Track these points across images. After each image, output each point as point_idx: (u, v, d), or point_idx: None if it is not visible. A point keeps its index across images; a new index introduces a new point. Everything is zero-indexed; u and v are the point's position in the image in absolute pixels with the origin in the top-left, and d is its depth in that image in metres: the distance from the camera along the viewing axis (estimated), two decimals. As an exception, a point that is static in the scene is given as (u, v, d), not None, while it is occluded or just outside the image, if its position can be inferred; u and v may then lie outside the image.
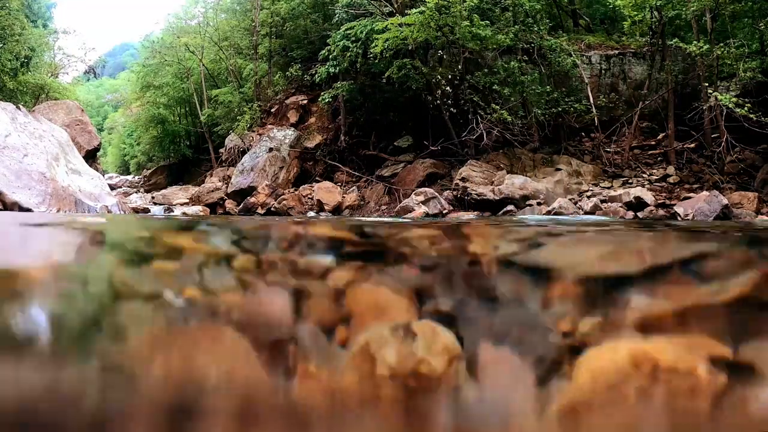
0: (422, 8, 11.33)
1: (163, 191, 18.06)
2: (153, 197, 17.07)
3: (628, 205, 9.51)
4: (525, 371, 0.96)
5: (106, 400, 0.90)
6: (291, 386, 0.95)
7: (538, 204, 10.13)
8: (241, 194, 14.26)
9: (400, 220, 7.83)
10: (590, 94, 12.38)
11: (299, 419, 0.91)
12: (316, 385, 0.95)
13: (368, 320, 1.16)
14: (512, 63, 11.92)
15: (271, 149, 14.98)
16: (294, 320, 1.16)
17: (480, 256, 1.82)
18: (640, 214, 9.28)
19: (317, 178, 14.59)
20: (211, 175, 17.53)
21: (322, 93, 14.47)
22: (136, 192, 21.00)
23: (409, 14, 11.50)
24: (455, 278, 1.45)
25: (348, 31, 13.06)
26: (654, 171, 11.38)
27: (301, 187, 13.97)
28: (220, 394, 0.91)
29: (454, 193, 11.33)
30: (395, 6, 13.00)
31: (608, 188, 10.92)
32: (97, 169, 13.54)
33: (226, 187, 15.09)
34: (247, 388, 0.94)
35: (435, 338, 0.98)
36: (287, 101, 16.92)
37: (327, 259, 1.70)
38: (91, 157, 15.71)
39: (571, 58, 12.62)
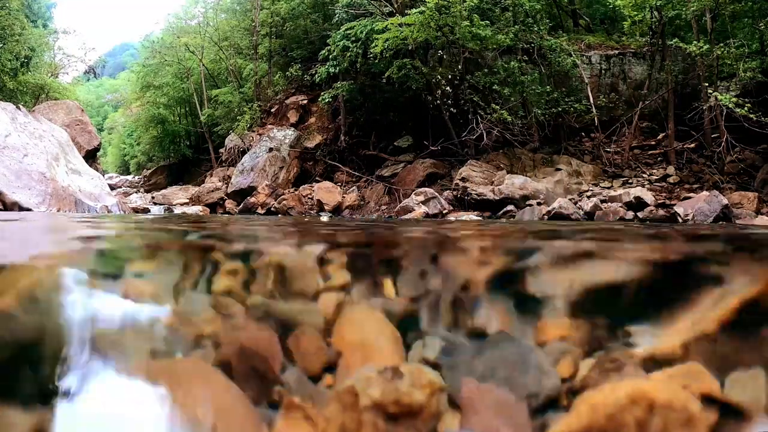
0: (422, 8, 11.33)
1: (163, 191, 18.07)
2: (153, 197, 17.07)
3: (628, 205, 9.51)
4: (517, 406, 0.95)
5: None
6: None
7: (538, 204, 10.12)
8: (241, 194, 14.27)
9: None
10: (590, 94, 12.38)
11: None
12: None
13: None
14: (512, 63, 11.92)
15: (271, 149, 14.99)
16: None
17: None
18: (640, 214, 9.28)
19: (317, 178, 14.59)
20: (211, 175, 17.53)
21: (322, 93, 14.47)
22: (136, 192, 21.00)
23: (409, 14, 11.50)
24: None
25: (348, 31, 13.07)
26: (654, 171, 11.38)
27: (301, 187, 13.97)
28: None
29: (454, 193, 11.33)
30: (395, 6, 13.00)
31: (608, 188, 10.92)
32: (97, 169, 13.54)
33: (226, 187, 15.09)
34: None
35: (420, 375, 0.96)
36: (287, 101, 16.93)
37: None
38: (91, 157, 15.72)
39: (571, 58, 12.62)
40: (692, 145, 11.43)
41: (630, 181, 11.14)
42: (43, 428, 0.87)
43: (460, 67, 12.14)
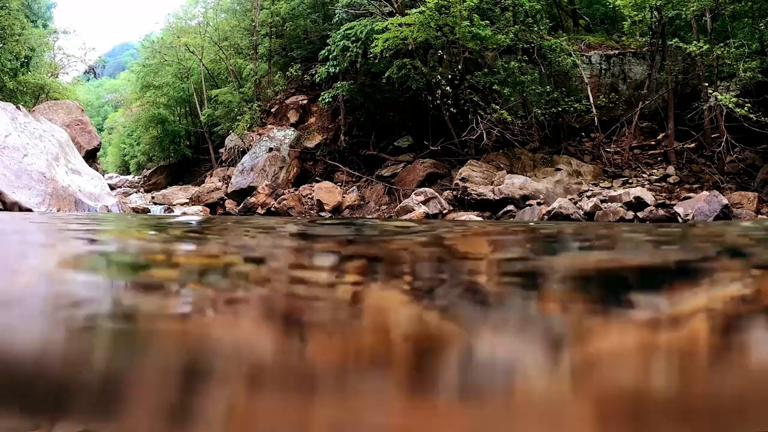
0: (422, 8, 11.33)
1: (163, 191, 18.06)
2: (153, 197, 17.07)
3: (628, 205, 9.51)
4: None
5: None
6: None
7: (538, 204, 10.12)
8: (241, 194, 14.26)
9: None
10: (590, 94, 12.38)
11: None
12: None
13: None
14: (512, 63, 11.92)
15: (271, 149, 14.98)
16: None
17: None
18: (640, 214, 9.28)
19: (317, 178, 14.59)
20: (211, 175, 17.52)
21: (322, 93, 14.46)
22: (136, 192, 21.00)
23: (409, 14, 11.50)
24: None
25: (348, 31, 13.06)
26: (654, 171, 11.38)
27: (301, 187, 13.97)
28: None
29: (454, 193, 11.33)
30: (395, 6, 13.00)
31: (608, 188, 10.92)
32: (97, 169, 13.54)
33: (226, 187, 15.09)
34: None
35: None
36: (287, 101, 16.92)
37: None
38: (91, 157, 15.71)
39: (571, 58, 12.62)
40: (692, 145, 11.43)
41: (630, 181, 11.14)
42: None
43: (460, 67, 12.14)
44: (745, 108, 9.33)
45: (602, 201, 9.90)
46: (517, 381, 0.88)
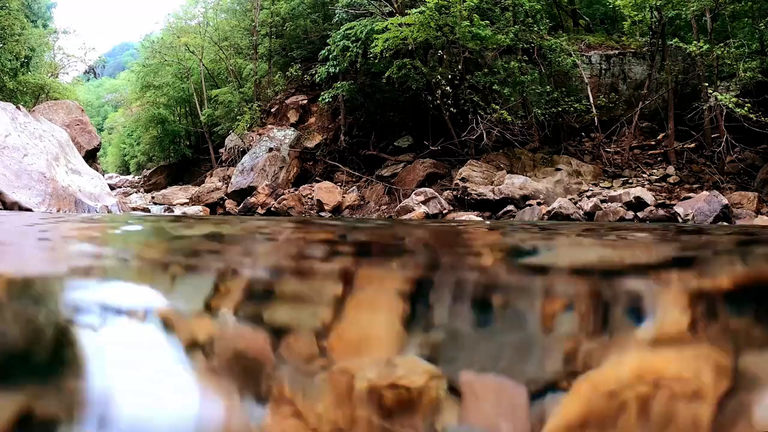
0: (422, 8, 11.33)
1: (163, 191, 18.06)
2: (153, 197, 17.07)
3: (628, 205, 9.52)
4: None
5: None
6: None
7: (538, 204, 10.12)
8: (241, 194, 14.26)
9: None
10: (590, 94, 12.39)
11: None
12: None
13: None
14: (512, 63, 11.92)
15: (271, 149, 14.98)
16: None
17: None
18: (640, 214, 9.28)
19: (317, 178, 14.59)
20: (211, 175, 17.53)
21: (322, 93, 14.47)
22: (136, 192, 21.00)
23: (409, 14, 11.50)
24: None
25: (348, 31, 13.06)
26: (654, 171, 11.38)
27: (301, 187, 13.97)
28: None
29: (454, 193, 11.33)
30: (395, 6, 13.00)
31: (608, 188, 10.92)
32: (97, 169, 13.53)
33: (226, 187, 15.09)
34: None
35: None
36: (287, 101, 16.92)
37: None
38: (91, 157, 15.71)
39: (571, 58, 12.62)
40: (692, 145, 11.43)
41: (630, 181, 11.14)
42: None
43: (460, 67, 12.14)
44: (745, 108, 9.33)
45: (602, 201, 9.91)
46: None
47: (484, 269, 1.89)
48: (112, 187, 15.18)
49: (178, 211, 12.63)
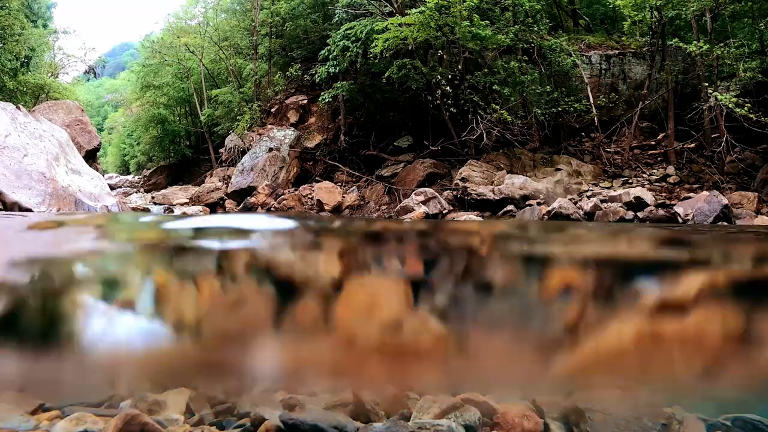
0: (422, 8, 11.33)
1: (163, 191, 18.06)
2: (153, 197, 17.07)
3: (628, 205, 9.51)
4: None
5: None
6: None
7: (538, 204, 10.12)
8: (241, 194, 14.26)
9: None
10: (590, 94, 12.38)
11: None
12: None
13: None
14: (512, 63, 11.92)
15: (271, 149, 14.98)
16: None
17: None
18: (640, 214, 9.28)
19: (317, 178, 14.59)
20: (211, 175, 17.52)
21: (322, 93, 14.46)
22: (136, 192, 20.99)
23: (409, 14, 11.50)
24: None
25: (348, 31, 13.06)
26: (654, 171, 11.38)
27: (301, 187, 13.97)
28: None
29: (454, 193, 11.33)
30: (395, 6, 13.00)
31: (608, 188, 10.92)
32: (97, 169, 13.53)
33: (226, 187, 15.09)
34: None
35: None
36: (287, 101, 16.92)
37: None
38: (91, 157, 15.71)
39: (571, 58, 12.62)
40: (692, 145, 11.43)
41: (630, 181, 11.14)
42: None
43: (460, 67, 12.14)
44: (745, 108, 9.33)
45: (602, 201, 9.90)
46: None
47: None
48: (112, 187, 15.18)
49: (178, 211, 12.63)
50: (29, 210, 7.53)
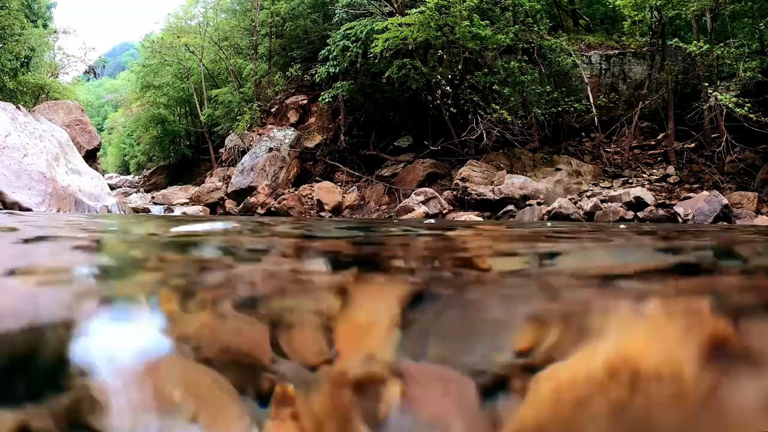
0: (422, 8, 11.34)
1: (163, 191, 18.07)
2: (153, 197, 17.07)
3: (628, 205, 9.52)
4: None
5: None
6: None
7: (538, 204, 10.12)
8: (241, 194, 14.26)
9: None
10: (590, 94, 12.39)
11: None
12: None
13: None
14: (512, 63, 11.92)
15: (271, 149, 14.98)
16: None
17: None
18: (640, 214, 9.28)
19: (317, 178, 14.59)
20: (211, 175, 17.53)
21: (322, 93, 14.47)
22: (136, 192, 21.01)
23: (409, 14, 11.51)
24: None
25: (348, 31, 13.07)
26: (654, 171, 11.38)
27: (301, 187, 13.97)
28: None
29: (454, 193, 11.33)
30: (395, 6, 13.00)
31: (608, 188, 10.92)
32: (97, 169, 13.53)
33: (226, 187, 15.09)
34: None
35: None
36: (287, 101, 16.92)
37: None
38: (91, 157, 15.70)
39: (571, 58, 12.63)
40: (692, 145, 11.43)
41: (630, 181, 11.14)
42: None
43: (460, 67, 12.14)
44: (745, 108, 9.33)
45: (602, 201, 9.91)
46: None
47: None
48: (112, 187, 15.18)
49: (178, 211, 12.63)
50: (29, 210, 7.53)
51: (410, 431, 0.74)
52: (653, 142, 12.38)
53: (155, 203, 15.20)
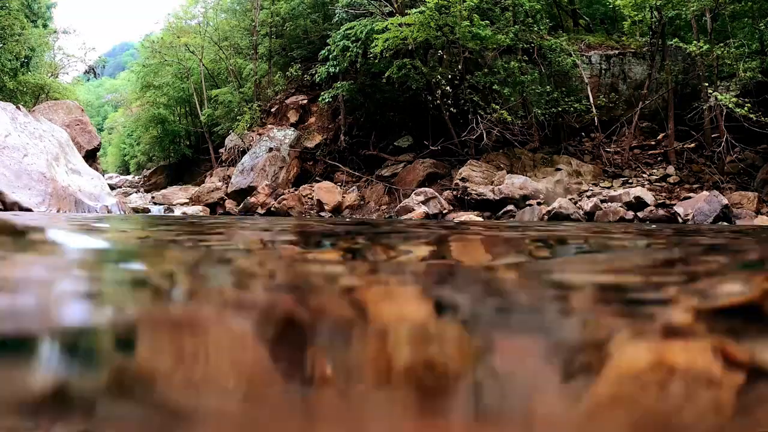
0: (422, 8, 11.33)
1: (163, 191, 18.06)
2: (153, 197, 17.07)
3: (628, 205, 9.52)
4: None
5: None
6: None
7: (538, 204, 10.12)
8: (241, 194, 14.26)
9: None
10: (590, 94, 12.39)
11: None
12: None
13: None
14: (512, 63, 11.92)
15: (271, 149, 14.98)
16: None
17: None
18: (640, 214, 9.28)
19: (317, 178, 14.59)
20: (211, 175, 17.53)
21: (322, 93, 14.47)
22: (136, 192, 21.00)
23: (409, 14, 11.50)
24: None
25: (348, 31, 13.06)
26: (654, 171, 11.38)
27: (301, 187, 13.97)
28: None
29: (454, 193, 11.33)
30: (395, 6, 13.00)
31: (608, 188, 10.92)
32: (97, 169, 13.53)
33: (226, 187, 15.09)
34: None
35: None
36: (287, 101, 16.92)
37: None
38: (91, 157, 15.70)
39: (571, 58, 12.62)
40: (692, 145, 11.43)
41: (630, 181, 11.14)
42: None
43: (460, 67, 12.14)
44: (745, 108, 9.33)
45: (602, 201, 9.90)
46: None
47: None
48: (112, 187, 15.19)
49: (178, 211, 12.63)
50: (29, 210, 7.53)
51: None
52: (653, 142, 12.38)
53: (155, 203, 15.20)
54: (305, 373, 0.79)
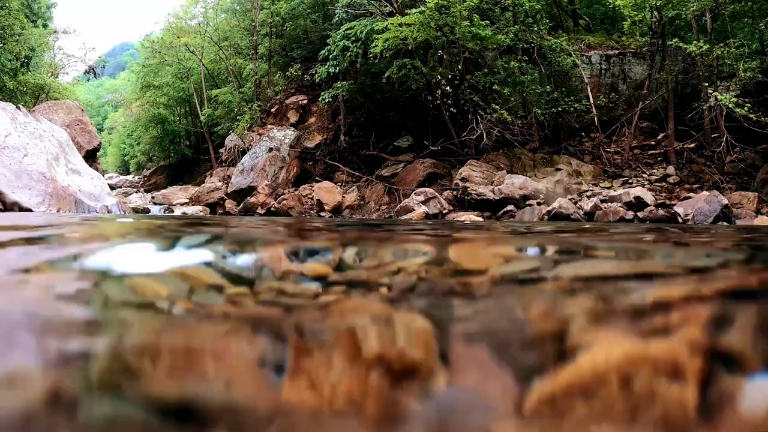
0: (422, 8, 11.34)
1: (163, 191, 18.07)
2: (153, 197, 17.08)
3: (628, 205, 9.52)
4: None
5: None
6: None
7: (538, 204, 10.12)
8: (241, 194, 14.26)
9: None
10: (590, 94, 12.39)
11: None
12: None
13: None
14: (512, 63, 11.92)
15: (271, 149, 14.99)
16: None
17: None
18: (640, 214, 9.28)
19: (317, 178, 14.59)
20: (211, 175, 17.53)
21: (322, 93, 14.47)
22: (136, 192, 21.01)
23: (409, 14, 11.51)
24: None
25: (348, 31, 13.07)
26: (654, 171, 11.38)
27: (301, 187, 13.97)
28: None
29: (454, 193, 11.33)
30: (395, 6, 13.00)
31: (608, 188, 10.92)
32: (97, 169, 13.53)
33: (226, 187, 15.09)
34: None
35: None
36: (287, 101, 16.93)
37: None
38: (91, 157, 15.70)
39: (571, 58, 12.63)
40: (692, 145, 11.44)
41: (630, 181, 11.14)
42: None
43: (460, 67, 12.14)
44: (745, 108, 9.33)
45: (602, 201, 9.91)
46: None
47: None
48: (112, 187, 15.19)
49: (178, 211, 12.63)
50: (29, 210, 7.53)
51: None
52: (653, 142, 12.38)
53: (155, 203, 15.21)
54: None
